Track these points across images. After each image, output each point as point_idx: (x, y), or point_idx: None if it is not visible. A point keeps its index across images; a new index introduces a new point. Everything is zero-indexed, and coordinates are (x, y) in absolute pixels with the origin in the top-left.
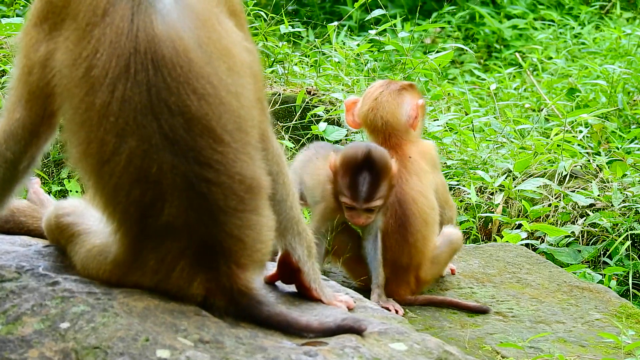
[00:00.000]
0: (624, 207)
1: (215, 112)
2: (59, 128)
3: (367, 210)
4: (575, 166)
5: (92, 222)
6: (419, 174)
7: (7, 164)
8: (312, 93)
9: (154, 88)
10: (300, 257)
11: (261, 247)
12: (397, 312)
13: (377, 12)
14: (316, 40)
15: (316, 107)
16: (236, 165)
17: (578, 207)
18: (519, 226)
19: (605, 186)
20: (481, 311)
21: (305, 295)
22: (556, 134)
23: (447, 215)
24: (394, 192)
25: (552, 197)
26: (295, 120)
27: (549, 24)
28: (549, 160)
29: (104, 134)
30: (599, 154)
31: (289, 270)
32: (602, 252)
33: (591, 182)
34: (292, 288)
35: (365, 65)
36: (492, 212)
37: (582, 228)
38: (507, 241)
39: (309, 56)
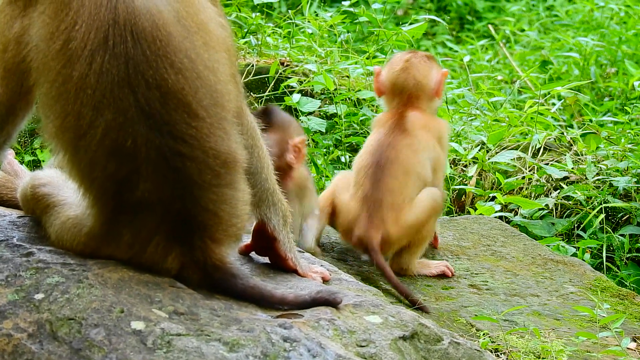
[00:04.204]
0: (598, 179)
1: (192, 86)
2: (34, 105)
3: None
4: (549, 139)
5: (68, 193)
6: (414, 136)
7: None
8: (285, 64)
9: (132, 61)
10: (276, 226)
11: (236, 222)
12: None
13: None
14: (289, 11)
15: (289, 78)
16: (210, 140)
17: (552, 179)
18: (493, 198)
19: (579, 159)
20: (418, 306)
21: (280, 265)
22: (530, 107)
23: None
24: (378, 141)
25: (526, 169)
26: (269, 92)
27: None
28: (522, 133)
29: (80, 106)
30: (572, 126)
31: (264, 240)
32: (576, 225)
33: (565, 155)
34: (266, 260)
35: (339, 36)
36: (466, 184)
37: (556, 201)
38: (480, 213)
39: (282, 27)
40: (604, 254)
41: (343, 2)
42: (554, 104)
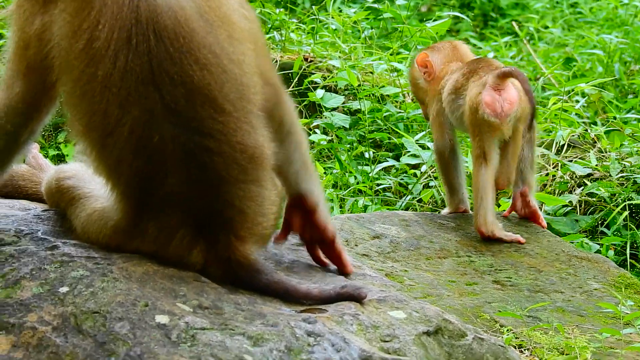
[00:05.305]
0: (622, 177)
1: (217, 81)
2: (58, 101)
3: None
4: (573, 136)
5: (94, 186)
6: None
7: (8, 137)
8: (309, 60)
9: (155, 59)
10: (317, 196)
11: (262, 221)
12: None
13: None
14: (313, 7)
15: (313, 74)
16: (237, 135)
17: (576, 176)
18: None
19: (603, 156)
20: None
21: (319, 237)
22: (553, 103)
23: None
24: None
25: (550, 166)
26: (293, 87)
27: None
28: (546, 130)
29: (106, 105)
30: (596, 123)
31: (300, 214)
32: (599, 222)
33: (589, 152)
34: (291, 256)
35: (362, 32)
36: None
37: (580, 197)
38: (504, 210)
39: (305, 23)
40: (628, 251)
41: None
42: (577, 101)
